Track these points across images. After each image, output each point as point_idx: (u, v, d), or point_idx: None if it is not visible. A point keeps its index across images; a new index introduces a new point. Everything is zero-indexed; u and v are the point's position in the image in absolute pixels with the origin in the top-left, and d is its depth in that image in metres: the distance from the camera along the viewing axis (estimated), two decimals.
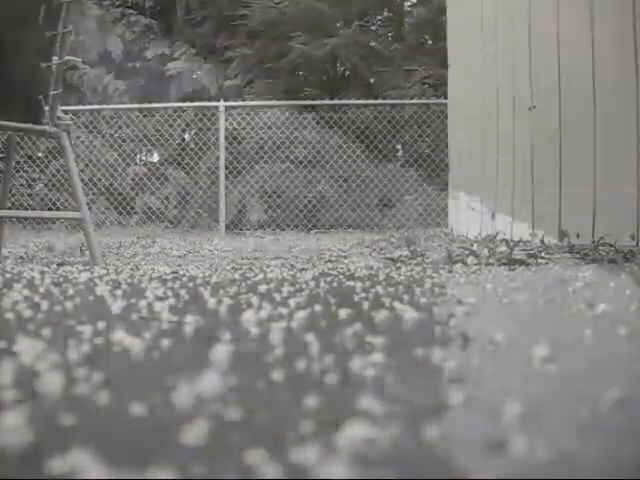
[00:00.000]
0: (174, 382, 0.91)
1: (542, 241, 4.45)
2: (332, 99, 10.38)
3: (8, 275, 2.61)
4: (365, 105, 10.22)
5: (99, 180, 10.04)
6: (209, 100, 10.63)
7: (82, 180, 4.79)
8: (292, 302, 1.74)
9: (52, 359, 1.05)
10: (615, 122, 4.27)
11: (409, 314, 1.55)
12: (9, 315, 1.54)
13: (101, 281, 2.38)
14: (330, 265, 3.26)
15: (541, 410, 0.82)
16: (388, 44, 12.32)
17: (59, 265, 3.23)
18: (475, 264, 3.26)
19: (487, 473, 0.62)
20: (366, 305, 1.77)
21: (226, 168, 9.61)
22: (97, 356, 1.13)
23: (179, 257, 4.14)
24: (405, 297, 1.93)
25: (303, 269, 2.99)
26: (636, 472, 0.64)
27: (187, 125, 10.39)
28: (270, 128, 10.12)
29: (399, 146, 10.60)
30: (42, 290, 2.05)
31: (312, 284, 2.27)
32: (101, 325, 1.38)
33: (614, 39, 4.26)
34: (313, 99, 10.61)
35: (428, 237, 5.70)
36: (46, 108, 3.41)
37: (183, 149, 10.41)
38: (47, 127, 3.42)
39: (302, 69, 12.00)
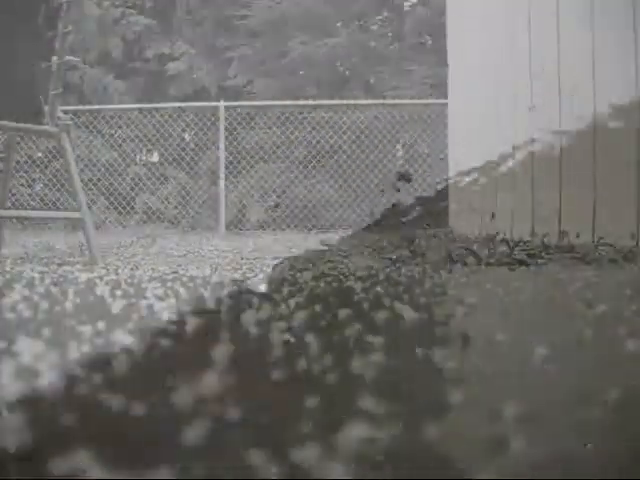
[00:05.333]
0: (174, 382, 0.91)
1: (542, 241, 4.45)
2: (332, 99, 10.38)
3: (8, 275, 2.61)
4: (365, 105, 10.22)
5: (99, 180, 10.03)
6: (209, 100, 10.63)
7: (82, 180, 4.77)
8: (292, 302, 1.74)
9: (52, 359, 1.05)
10: (616, 121, 4.27)
11: (409, 314, 1.54)
12: (9, 315, 1.54)
13: (101, 281, 2.38)
14: (330, 265, 3.25)
15: (541, 410, 0.82)
16: (388, 44, 12.33)
17: (59, 265, 3.23)
18: (475, 264, 3.26)
19: (487, 473, 0.62)
20: (366, 305, 1.77)
21: (226, 168, 9.61)
22: (97, 356, 1.13)
23: (179, 257, 4.14)
24: (405, 297, 1.93)
25: (303, 269, 2.98)
26: (636, 472, 0.64)
27: (187, 125, 10.39)
28: (270, 128, 10.12)
29: (399, 146, 10.60)
30: (42, 290, 2.04)
31: (312, 284, 2.27)
32: (101, 325, 1.38)
33: (614, 38, 4.26)
34: (313, 99, 10.61)
35: (428, 237, 5.70)
36: (46, 108, 3.41)
37: (183, 149, 10.41)
38: (47, 127, 3.42)
39: (302, 69, 11.99)
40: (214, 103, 9.96)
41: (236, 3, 12.08)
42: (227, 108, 9.74)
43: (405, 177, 4.29)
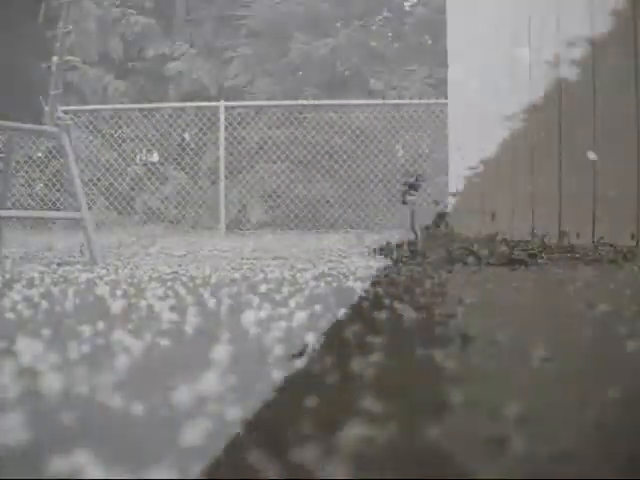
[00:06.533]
0: (174, 382, 0.91)
1: (542, 241, 4.45)
2: (332, 99, 10.38)
3: (8, 275, 2.61)
4: (365, 105, 10.22)
5: (99, 180, 10.04)
6: (209, 100, 10.63)
7: (82, 180, 4.73)
8: (292, 302, 1.74)
9: (52, 359, 1.05)
10: (615, 121, 4.28)
11: (409, 314, 1.54)
12: (9, 315, 1.54)
13: (101, 281, 2.38)
14: (330, 265, 3.25)
15: (541, 410, 0.82)
16: (388, 44, 12.33)
17: (59, 265, 3.23)
18: (475, 264, 3.26)
19: (487, 473, 0.62)
20: (366, 305, 1.77)
21: (226, 168, 9.61)
22: (97, 356, 1.13)
23: (179, 257, 4.14)
24: (405, 297, 1.93)
25: (303, 269, 2.98)
26: (636, 472, 0.64)
27: (187, 125, 10.40)
28: (270, 128, 10.12)
29: (399, 146, 10.60)
30: (42, 290, 2.04)
31: (312, 284, 2.27)
32: (101, 325, 1.38)
33: (614, 39, 4.26)
34: (313, 99, 10.61)
35: (428, 237, 5.70)
36: (46, 108, 3.41)
37: (183, 149, 10.41)
38: (47, 127, 3.42)
39: (302, 69, 12.00)
40: (214, 103, 9.96)
41: (236, 3, 12.08)
42: (227, 108, 9.74)
43: (415, 187, 4.23)
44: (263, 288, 2.13)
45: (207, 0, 12.74)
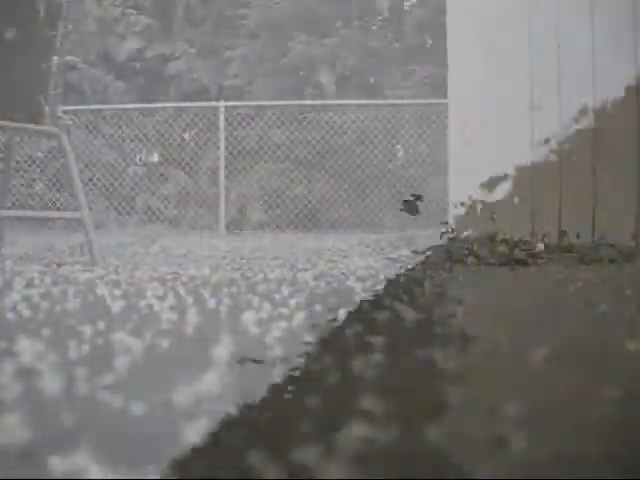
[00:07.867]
0: (174, 382, 0.91)
1: (542, 241, 4.44)
2: (332, 99, 10.37)
3: (8, 275, 2.61)
4: (365, 105, 10.22)
5: (99, 180, 10.03)
6: (209, 100, 10.63)
7: (82, 180, 4.68)
8: (292, 302, 1.74)
9: (52, 359, 1.05)
10: (615, 121, 4.27)
11: (409, 314, 1.54)
12: (9, 315, 1.54)
13: (101, 281, 2.38)
14: (330, 265, 3.25)
15: (541, 410, 0.82)
16: (388, 44, 12.33)
17: (59, 265, 3.23)
18: (475, 264, 3.26)
19: (487, 473, 0.62)
20: (366, 305, 1.77)
21: (226, 168, 9.60)
22: (97, 356, 1.13)
23: (179, 257, 4.14)
24: (405, 297, 1.93)
25: (303, 269, 2.98)
26: (636, 472, 0.64)
27: (187, 125, 10.39)
28: (270, 128, 10.12)
29: (399, 146, 10.60)
30: (42, 290, 2.04)
31: (312, 284, 2.27)
32: (101, 325, 1.38)
33: (614, 38, 4.26)
34: (313, 99, 10.61)
35: (428, 237, 5.70)
36: (46, 108, 3.41)
37: (183, 149, 10.41)
38: (47, 127, 3.42)
39: (302, 69, 11.99)
40: (214, 103, 9.96)
41: (236, 3, 12.08)
42: (227, 108, 9.74)
43: (412, 207, 4.23)
44: (263, 288, 2.13)
45: (207, 0, 12.73)
